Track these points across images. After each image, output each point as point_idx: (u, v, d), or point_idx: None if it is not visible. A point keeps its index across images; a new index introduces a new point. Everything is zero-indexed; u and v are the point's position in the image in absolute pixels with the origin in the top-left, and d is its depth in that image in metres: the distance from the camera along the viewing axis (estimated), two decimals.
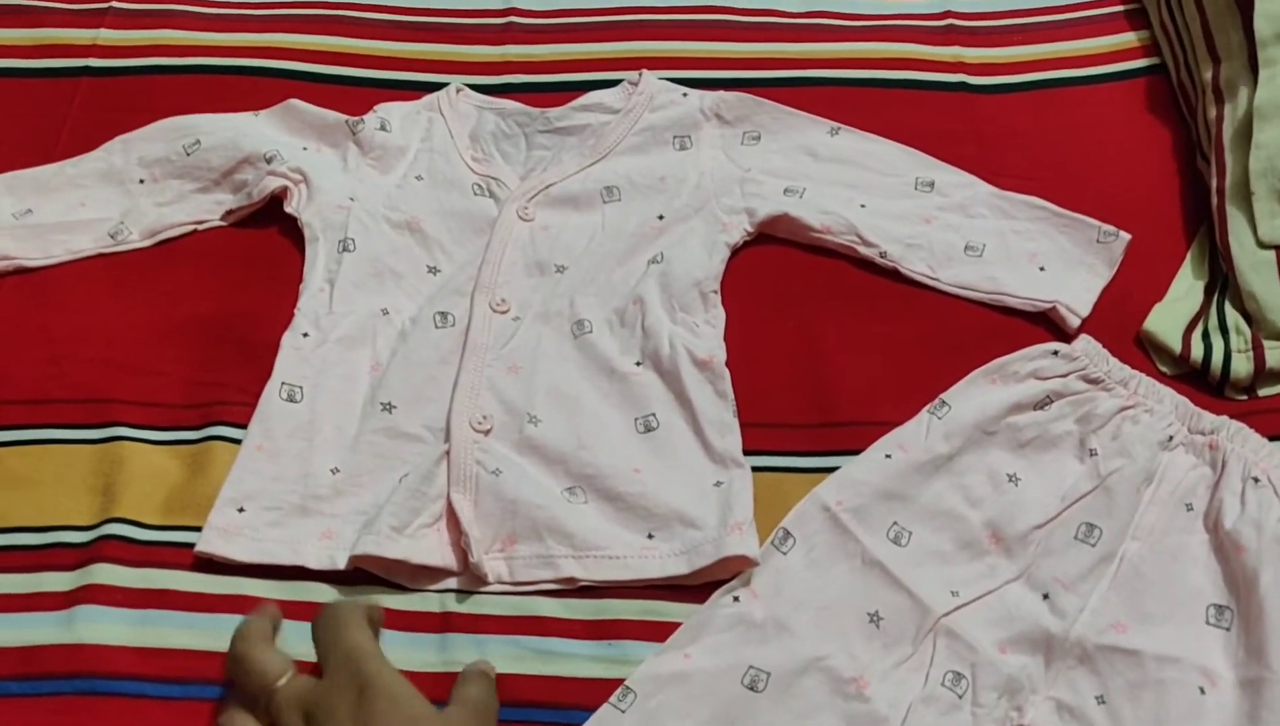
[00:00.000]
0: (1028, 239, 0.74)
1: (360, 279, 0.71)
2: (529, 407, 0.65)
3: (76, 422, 0.66)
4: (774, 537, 0.62)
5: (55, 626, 0.59)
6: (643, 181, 0.76)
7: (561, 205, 0.75)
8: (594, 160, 0.76)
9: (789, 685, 0.57)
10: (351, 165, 0.76)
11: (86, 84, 0.82)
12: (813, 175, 0.76)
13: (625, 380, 0.67)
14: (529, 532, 0.61)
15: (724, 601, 0.60)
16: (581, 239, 0.73)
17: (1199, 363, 0.67)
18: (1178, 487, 0.63)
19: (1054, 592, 0.60)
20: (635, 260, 0.72)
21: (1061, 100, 0.83)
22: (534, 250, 0.72)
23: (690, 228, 0.73)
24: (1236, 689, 0.57)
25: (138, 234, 0.74)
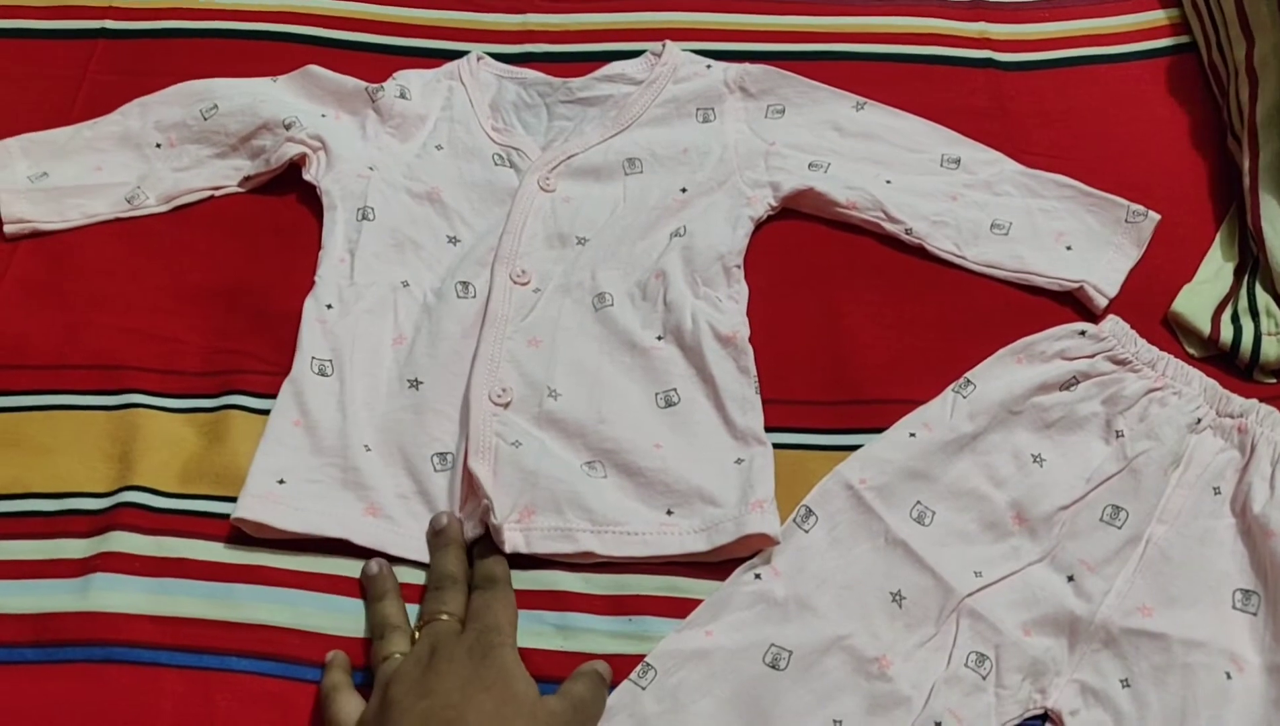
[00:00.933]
0: (1055, 218, 0.73)
1: (380, 249, 0.70)
2: (549, 381, 0.65)
3: (93, 389, 0.66)
4: (796, 515, 0.62)
5: (71, 593, 0.58)
6: (665, 153, 0.75)
7: (583, 176, 0.74)
8: (616, 131, 0.75)
9: (811, 664, 0.57)
10: (370, 133, 0.75)
11: (103, 46, 0.81)
12: (838, 150, 0.75)
13: (646, 354, 0.66)
14: (548, 504, 0.60)
15: (746, 579, 0.60)
16: (603, 211, 0.72)
17: (1228, 345, 0.67)
18: (1205, 471, 0.62)
19: (1079, 575, 0.60)
20: (658, 233, 0.71)
21: (1089, 78, 0.82)
22: (555, 222, 0.72)
23: (713, 201, 0.72)
24: (1263, 673, 0.56)
25: (154, 199, 0.73)
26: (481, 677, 0.51)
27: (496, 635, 0.54)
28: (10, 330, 0.68)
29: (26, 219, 0.72)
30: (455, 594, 0.57)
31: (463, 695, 0.50)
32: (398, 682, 0.52)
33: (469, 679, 0.51)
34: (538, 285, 0.69)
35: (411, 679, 0.52)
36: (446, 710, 0.50)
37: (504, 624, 0.55)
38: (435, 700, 0.50)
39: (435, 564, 0.59)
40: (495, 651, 0.53)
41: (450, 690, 0.51)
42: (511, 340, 0.66)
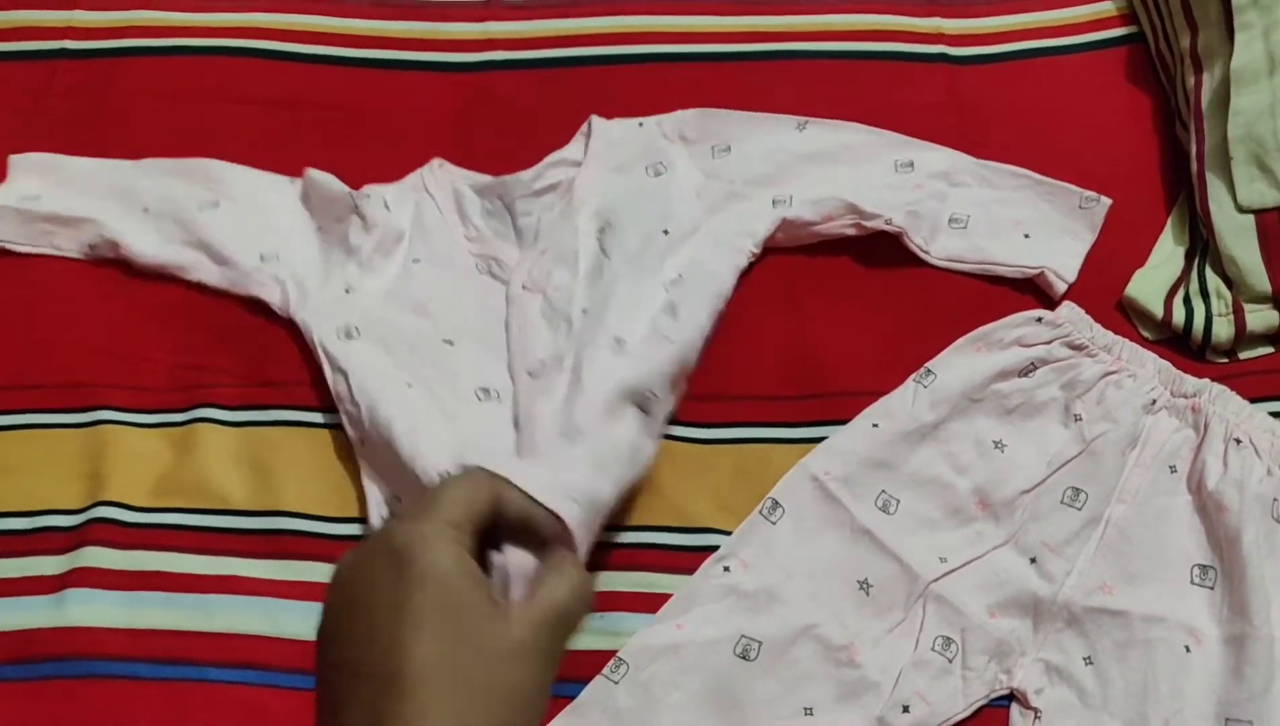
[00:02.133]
0: (1011, 207, 0.74)
1: (372, 361, 0.66)
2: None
3: (62, 407, 0.66)
4: (763, 508, 0.63)
5: (46, 610, 0.59)
6: (632, 209, 0.73)
7: (562, 261, 0.71)
8: (576, 210, 0.73)
9: (781, 654, 0.58)
10: (354, 245, 0.71)
11: (64, 66, 0.81)
12: (795, 173, 0.74)
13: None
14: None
15: (715, 571, 0.61)
16: (593, 277, 0.71)
17: (1180, 327, 0.68)
18: (1161, 450, 0.63)
19: (1041, 556, 0.61)
20: (652, 277, 0.70)
21: (1041, 70, 0.83)
22: (553, 310, 0.70)
23: (698, 245, 0.71)
24: (1221, 645, 0.57)
25: (111, 253, 0.72)
26: (410, 606, 0.33)
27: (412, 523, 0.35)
28: None
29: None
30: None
31: (390, 637, 0.32)
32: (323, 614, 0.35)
33: (394, 609, 0.33)
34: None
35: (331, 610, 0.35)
36: (373, 664, 0.32)
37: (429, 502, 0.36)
38: (352, 651, 0.33)
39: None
40: (413, 551, 0.34)
41: (371, 631, 0.33)
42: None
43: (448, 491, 0.36)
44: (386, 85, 0.82)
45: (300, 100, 0.80)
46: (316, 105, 0.80)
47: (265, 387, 0.67)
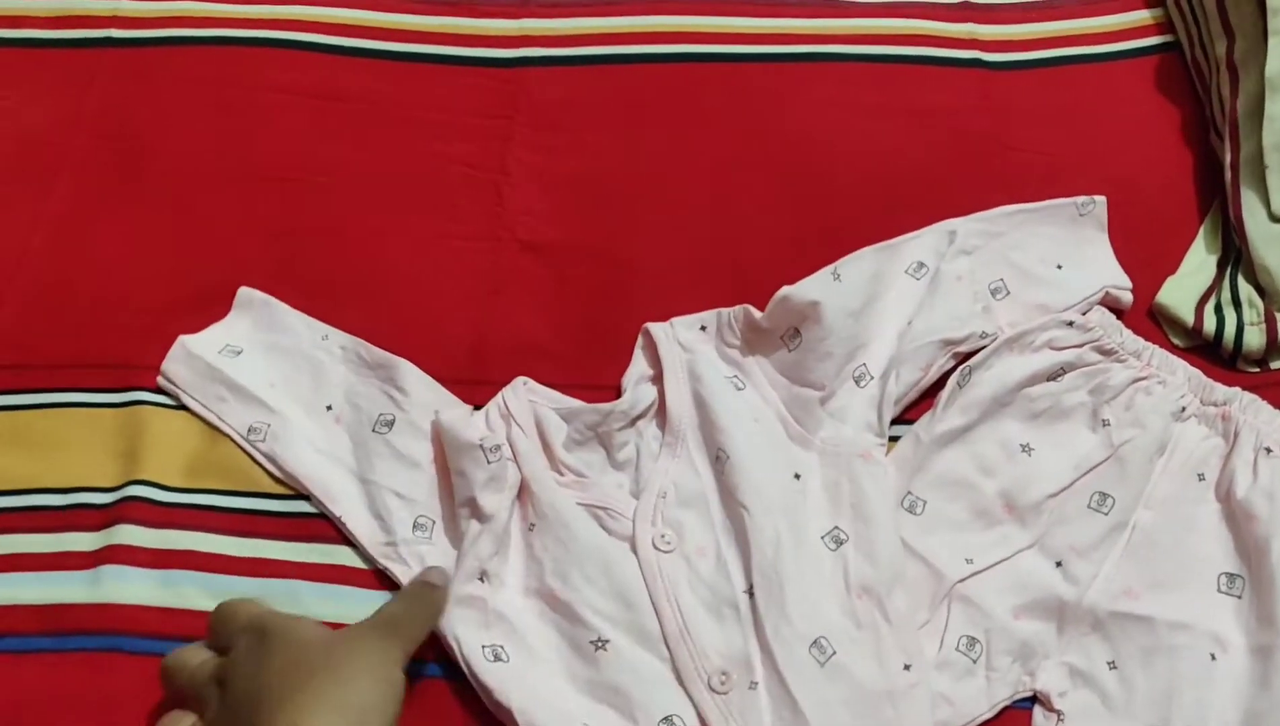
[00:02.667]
0: (1025, 248, 0.71)
1: (531, 691, 0.56)
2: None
3: (101, 387, 0.67)
4: None
5: (80, 585, 0.60)
6: (737, 428, 0.64)
7: (690, 508, 0.62)
8: (682, 441, 0.65)
9: None
10: (488, 509, 0.60)
11: (109, 55, 0.82)
12: (859, 339, 0.67)
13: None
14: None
15: None
16: (733, 533, 0.62)
17: (1211, 335, 0.68)
18: (1190, 458, 0.63)
19: (1067, 560, 0.61)
20: (812, 540, 0.61)
21: (1075, 77, 0.83)
22: (708, 590, 0.60)
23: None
24: (1248, 655, 0.57)
25: (263, 449, 0.65)
26: (266, 652, 0.50)
27: (260, 614, 0.53)
28: (21, 329, 0.69)
29: (174, 382, 0.67)
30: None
31: (253, 682, 0.49)
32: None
33: (255, 666, 0.49)
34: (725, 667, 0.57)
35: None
36: (243, 705, 0.48)
37: (260, 608, 0.55)
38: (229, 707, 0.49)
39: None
40: (265, 622, 0.52)
41: (242, 690, 0.49)
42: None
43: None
44: (423, 79, 0.83)
45: (338, 92, 0.81)
46: (353, 98, 0.81)
47: None
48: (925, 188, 0.77)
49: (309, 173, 0.77)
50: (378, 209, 0.76)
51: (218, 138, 0.78)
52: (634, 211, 0.76)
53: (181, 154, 0.78)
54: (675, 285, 0.73)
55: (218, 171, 0.77)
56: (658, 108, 0.81)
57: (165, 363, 0.68)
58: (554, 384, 0.68)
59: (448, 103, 0.81)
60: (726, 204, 0.77)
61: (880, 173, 0.78)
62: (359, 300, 0.72)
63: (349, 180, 0.77)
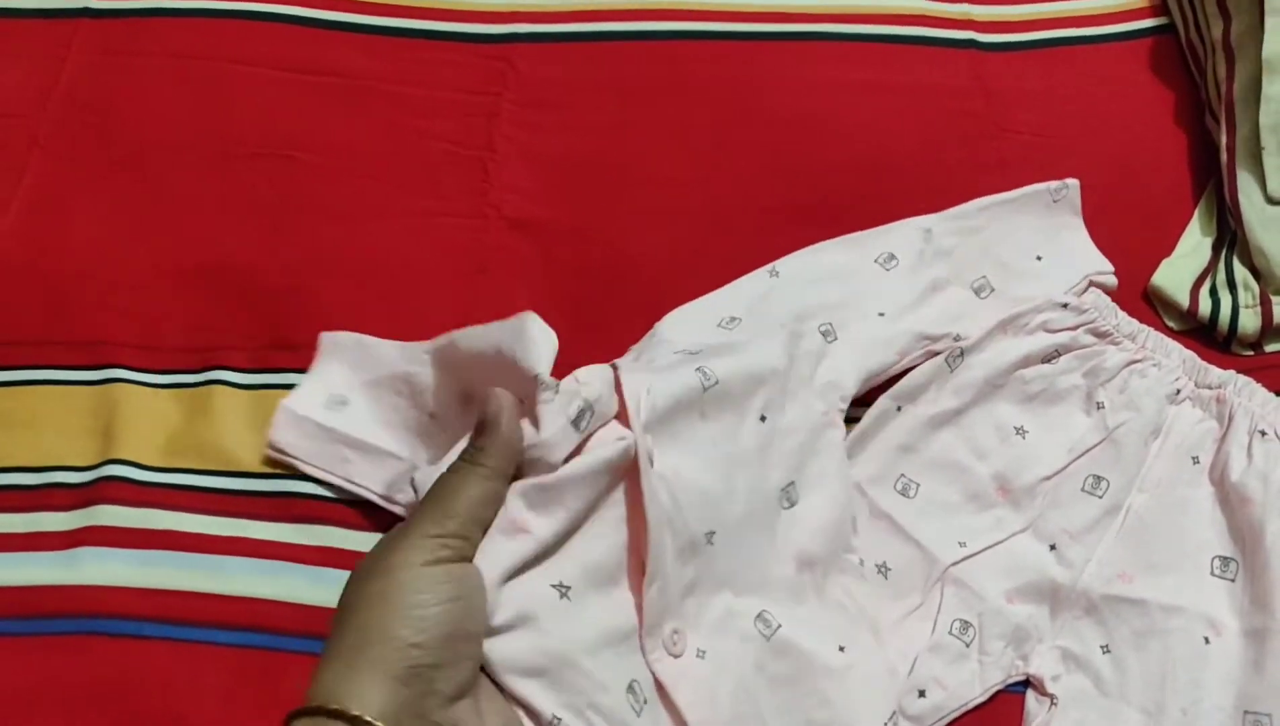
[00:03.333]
0: (1002, 241, 0.69)
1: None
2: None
3: (75, 364, 0.66)
4: None
5: (54, 566, 0.58)
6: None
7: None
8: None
9: None
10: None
11: (86, 25, 0.80)
12: (830, 316, 0.64)
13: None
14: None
15: None
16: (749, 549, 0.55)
17: (1206, 318, 0.67)
18: (1184, 441, 0.63)
19: (1061, 543, 0.60)
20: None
21: (1070, 59, 0.82)
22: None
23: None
24: (1241, 638, 0.57)
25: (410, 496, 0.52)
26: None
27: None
28: None
29: (289, 453, 0.62)
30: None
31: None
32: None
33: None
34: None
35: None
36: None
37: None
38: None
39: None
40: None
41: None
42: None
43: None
44: (408, 54, 0.81)
45: (321, 67, 0.80)
46: (337, 72, 0.79)
47: (281, 351, 0.67)
48: (918, 168, 0.76)
49: (290, 148, 0.76)
50: (361, 185, 0.74)
51: (196, 112, 0.77)
52: (623, 190, 0.75)
53: (159, 128, 0.76)
54: (664, 264, 0.72)
55: (196, 146, 0.75)
56: (648, 85, 0.80)
57: (273, 432, 0.62)
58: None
59: (433, 78, 0.80)
60: (716, 182, 0.76)
61: (872, 153, 0.77)
62: (341, 278, 0.70)
63: (331, 156, 0.75)
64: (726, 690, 0.51)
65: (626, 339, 0.69)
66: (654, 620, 0.49)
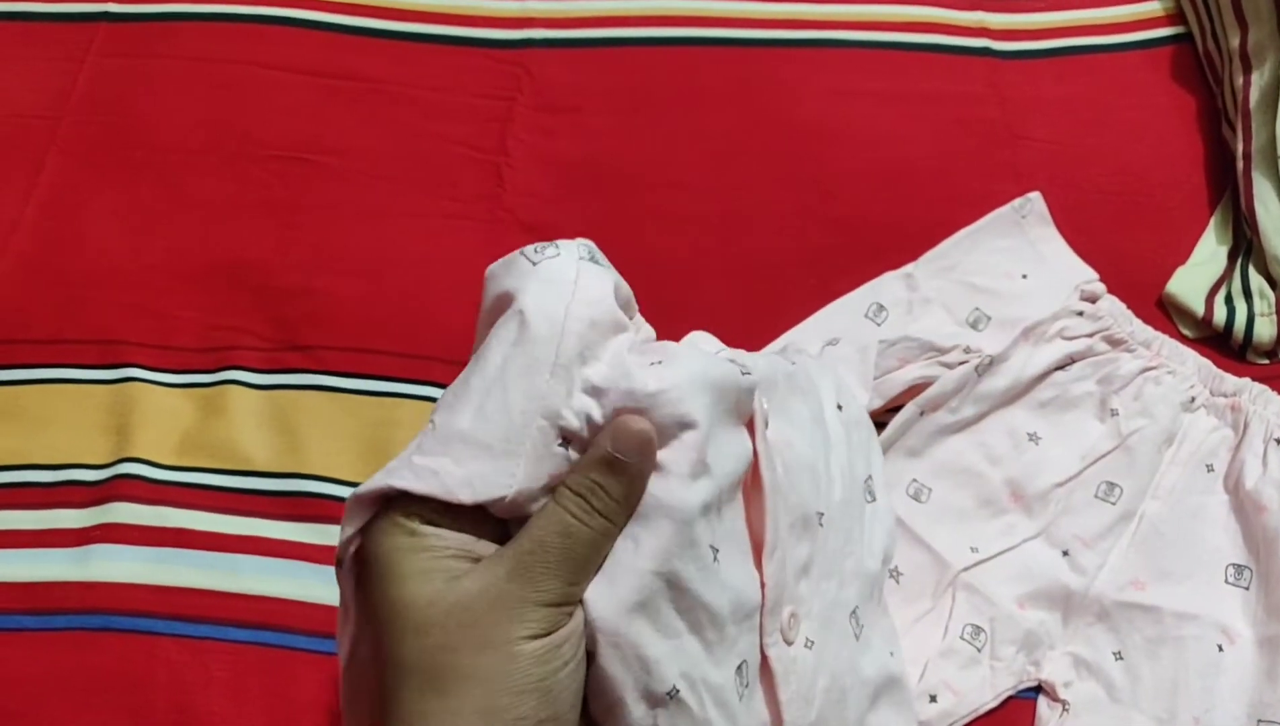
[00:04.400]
0: (985, 272, 0.69)
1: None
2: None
3: (91, 363, 0.66)
4: None
5: (69, 563, 0.59)
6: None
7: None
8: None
9: None
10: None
11: (105, 29, 0.81)
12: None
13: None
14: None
15: None
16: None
17: (1221, 326, 0.67)
18: (1199, 448, 0.62)
19: (1074, 550, 0.60)
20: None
21: (1085, 67, 0.82)
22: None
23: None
24: (1255, 646, 0.56)
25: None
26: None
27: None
28: (10, 305, 0.68)
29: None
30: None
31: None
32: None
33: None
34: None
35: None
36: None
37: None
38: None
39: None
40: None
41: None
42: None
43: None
44: (424, 59, 0.81)
45: (337, 71, 0.80)
46: (353, 76, 0.80)
47: (295, 351, 0.67)
48: (933, 175, 0.76)
49: (306, 151, 0.76)
50: (375, 188, 0.75)
51: (214, 115, 0.77)
52: (636, 195, 0.75)
53: (176, 131, 0.76)
54: (678, 270, 0.72)
55: (213, 148, 0.76)
56: (662, 91, 0.80)
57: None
58: None
59: (449, 83, 0.80)
60: (730, 190, 0.76)
61: (887, 160, 0.77)
62: (356, 279, 0.71)
63: (346, 159, 0.76)
64: (822, 687, 0.46)
65: None
66: (775, 599, 0.44)
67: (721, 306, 0.70)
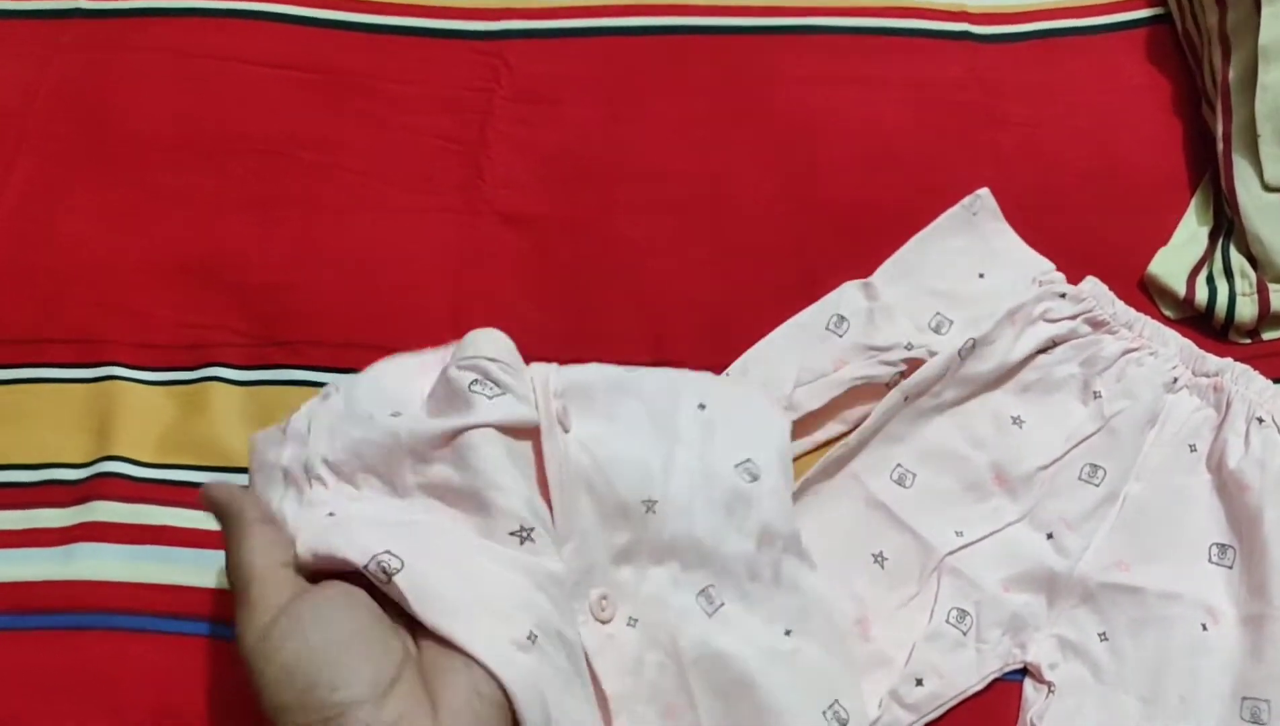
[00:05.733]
0: (941, 275, 0.68)
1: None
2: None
3: (70, 362, 0.66)
4: None
5: (50, 562, 0.58)
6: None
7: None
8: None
9: None
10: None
11: (76, 25, 0.80)
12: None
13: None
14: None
15: None
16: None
17: (1203, 306, 0.67)
18: (1181, 429, 0.62)
19: (1058, 532, 0.60)
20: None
21: (1065, 49, 0.82)
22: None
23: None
24: (1239, 625, 0.57)
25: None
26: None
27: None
28: None
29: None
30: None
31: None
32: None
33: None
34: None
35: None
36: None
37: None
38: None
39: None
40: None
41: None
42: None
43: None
44: (400, 51, 0.81)
45: (313, 64, 0.79)
46: (332, 70, 0.79)
47: (277, 347, 0.67)
48: (913, 160, 0.76)
49: (283, 145, 0.75)
50: (354, 181, 0.74)
51: (189, 108, 0.76)
52: (617, 185, 0.75)
53: (151, 124, 0.76)
54: (657, 259, 0.71)
55: (188, 144, 0.75)
56: (642, 81, 0.80)
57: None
58: (532, 357, 0.66)
59: (426, 75, 0.80)
60: (712, 178, 0.75)
61: (868, 145, 0.76)
62: (335, 273, 0.70)
63: (325, 152, 0.75)
64: (654, 661, 0.50)
65: (618, 333, 0.69)
66: (577, 582, 0.49)
67: (704, 295, 0.70)
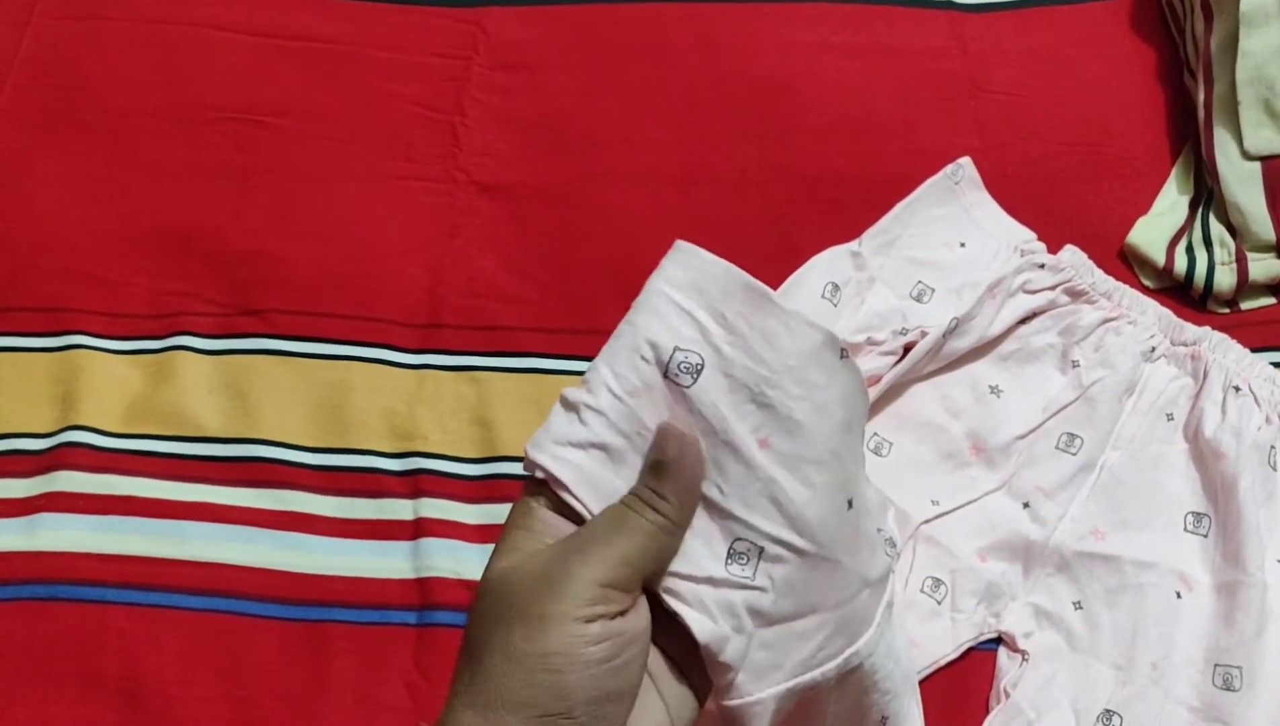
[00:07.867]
0: (924, 244, 0.67)
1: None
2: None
3: (35, 331, 0.65)
4: None
5: (15, 533, 0.58)
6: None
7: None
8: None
9: None
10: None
11: None
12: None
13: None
14: None
15: None
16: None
17: (1182, 276, 0.67)
18: (1159, 398, 0.62)
19: (1034, 501, 0.60)
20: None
21: (1048, 18, 0.81)
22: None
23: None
24: (1212, 592, 0.56)
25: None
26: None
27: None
28: None
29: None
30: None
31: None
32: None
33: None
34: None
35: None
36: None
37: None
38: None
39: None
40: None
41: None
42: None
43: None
44: (377, 18, 0.80)
45: (290, 31, 0.79)
46: (308, 37, 0.78)
47: (248, 316, 0.66)
48: (895, 128, 0.75)
49: (258, 112, 0.75)
50: (330, 149, 0.73)
51: (163, 76, 0.75)
52: (595, 153, 0.74)
53: (124, 92, 0.75)
54: (636, 226, 0.71)
55: (163, 110, 0.74)
56: (621, 48, 0.79)
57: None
58: (510, 327, 0.66)
59: (404, 42, 0.79)
60: (691, 146, 0.75)
61: (850, 113, 0.76)
62: (310, 242, 0.69)
63: (300, 120, 0.74)
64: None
65: (596, 301, 0.68)
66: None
67: None
